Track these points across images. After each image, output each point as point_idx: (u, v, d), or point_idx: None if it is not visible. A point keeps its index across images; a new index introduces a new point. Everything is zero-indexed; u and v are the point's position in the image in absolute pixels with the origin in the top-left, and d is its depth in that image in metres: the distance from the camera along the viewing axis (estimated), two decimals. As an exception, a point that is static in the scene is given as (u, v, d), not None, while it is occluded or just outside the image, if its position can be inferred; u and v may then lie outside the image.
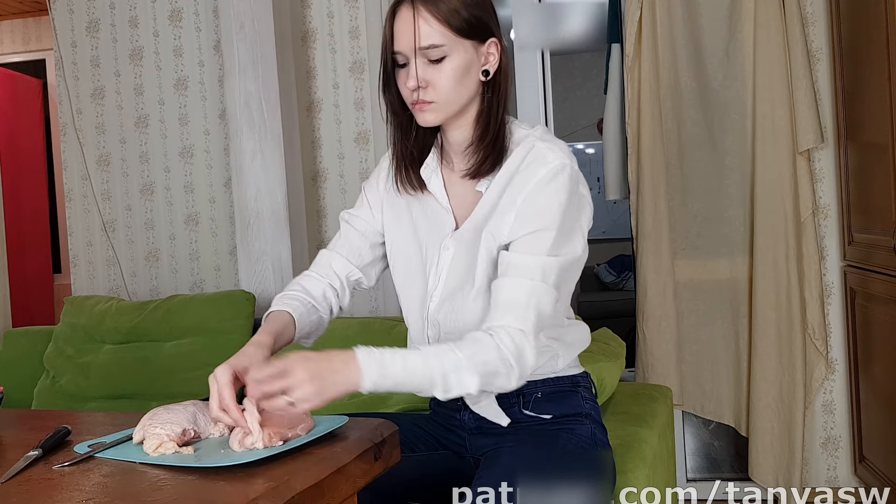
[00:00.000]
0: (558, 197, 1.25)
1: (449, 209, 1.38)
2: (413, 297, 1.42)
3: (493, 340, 1.20)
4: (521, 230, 1.26)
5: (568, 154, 1.29)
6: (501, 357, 1.20)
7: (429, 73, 1.27)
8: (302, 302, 1.40)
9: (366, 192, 1.50)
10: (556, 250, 1.25)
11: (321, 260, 1.49)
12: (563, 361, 1.38)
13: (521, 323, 1.22)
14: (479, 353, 1.19)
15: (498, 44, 1.31)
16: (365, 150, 3.08)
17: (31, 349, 2.79)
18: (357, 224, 1.49)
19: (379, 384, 1.15)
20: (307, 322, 1.39)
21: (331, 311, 1.46)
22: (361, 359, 1.14)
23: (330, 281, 1.46)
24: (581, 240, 1.30)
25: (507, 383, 1.22)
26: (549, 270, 1.24)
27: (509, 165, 1.31)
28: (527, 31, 3.09)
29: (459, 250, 1.35)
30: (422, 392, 1.19)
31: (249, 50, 2.85)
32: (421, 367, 1.17)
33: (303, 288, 1.44)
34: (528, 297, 1.23)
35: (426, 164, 1.39)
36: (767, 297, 2.69)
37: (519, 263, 1.25)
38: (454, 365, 1.17)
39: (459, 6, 1.27)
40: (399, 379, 1.16)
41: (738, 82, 2.73)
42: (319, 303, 1.43)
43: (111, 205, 3.33)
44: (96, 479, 1.06)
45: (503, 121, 1.33)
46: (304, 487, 1.00)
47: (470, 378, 1.18)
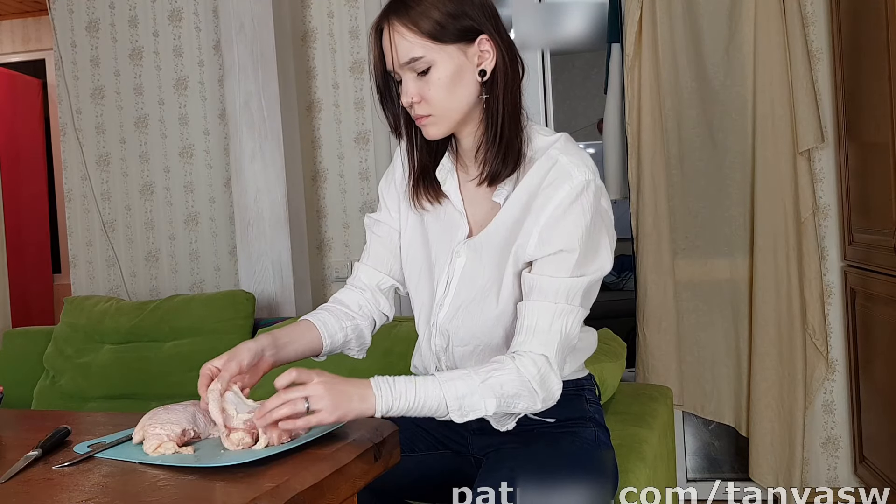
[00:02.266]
0: (584, 217, 1.22)
1: (463, 213, 1.35)
2: (422, 302, 1.40)
3: (513, 364, 1.20)
4: (544, 251, 1.24)
5: (591, 168, 1.25)
6: (521, 380, 1.19)
7: (420, 87, 1.24)
8: (330, 311, 1.41)
9: (382, 192, 1.47)
10: (581, 270, 1.23)
11: (354, 272, 1.48)
12: (570, 367, 1.37)
13: (544, 348, 1.21)
14: (495, 377, 1.19)
15: (491, 39, 1.25)
16: (365, 150, 3.08)
17: (31, 349, 2.79)
18: (379, 230, 1.46)
19: (392, 409, 1.15)
20: (338, 327, 1.40)
21: (372, 319, 1.45)
22: (374, 384, 1.15)
23: (363, 291, 1.45)
24: (607, 255, 1.27)
25: (533, 405, 1.22)
26: (573, 292, 1.23)
27: (530, 180, 1.27)
28: (527, 31, 3.09)
29: (472, 259, 1.32)
30: (438, 416, 1.19)
31: (249, 50, 2.85)
32: (435, 392, 1.16)
33: (336, 300, 1.45)
34: (551, 322, 1.22)
35: (441, 165, 1.37)
36: (767, 297, 2.69)
37: (543, 287, 1.23)
38: (468, 389, 1.17)
39: (429, 7, 1.21)
40: (411, 405, 1.16)
41: (738, 82, 2.73)
42: (355, 312, 1.43)
43: (111, 205, 3.33)
44: (96, 480, 1.06)
45: (515, 122, 1.27)
46: (304, 487, 1.00)
47: (485, 401, 1.18)
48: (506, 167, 1.27)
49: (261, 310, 2.83)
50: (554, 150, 1.27)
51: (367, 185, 3.09)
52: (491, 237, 1.31)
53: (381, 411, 1.15)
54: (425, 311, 1.39)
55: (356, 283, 1.46)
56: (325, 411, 1.11)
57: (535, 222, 1.25)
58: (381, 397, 1.14)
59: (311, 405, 1.10)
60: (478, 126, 1.30)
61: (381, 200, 1.47)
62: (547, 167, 1.26)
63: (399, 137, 1.37)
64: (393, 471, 1.20)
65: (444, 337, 1.36)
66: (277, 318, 2.62)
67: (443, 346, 1.36)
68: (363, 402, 1.13)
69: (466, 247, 1.33)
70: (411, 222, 1.42)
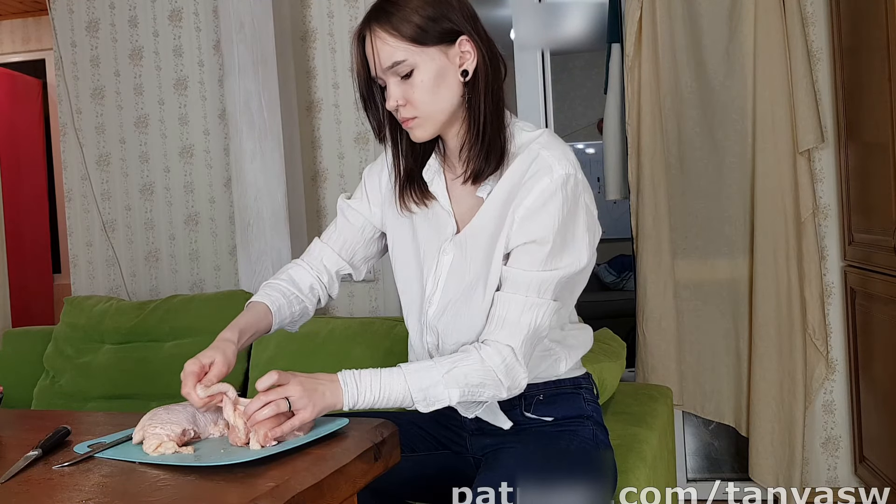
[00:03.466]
0: (561, 210, 1.24)
1: (451, 212, 1.36)
2: (411, 300, 1.42)
3: (478, 354, 1.23)
4: (518, 240, 1.26)
5: (573, 162, 1.27)
6: (486, 370, 1.23)
7: (404, 90, 1.26)
8: (284, 293, 1.43)
9: (366, 182, 1.49)
10: (554, 264, 1.25)
11: (313, 250, 1.50)
12: (566, 365, 1.38)
13: (510, 339, 1.24)
14: (459, 367, 1.22)
15: (471, 40, 1.27)
16: (365, 150, 3.08)
17: (31, 349, 2.79)
18: (352, 217, 1.48)
19: (358, 402, 1.20)
20: (288, 313, 1.43)
21: (318, 301, 1.49)
22: (341, 379, 1.20)
23: (318, 274, 1.48)
24: (586, 249, 1.28)
25: (498, 394, 1.25)
26: (545, 286, 1.25)
27: (512, 174, 1.29)
28: (527, 31, 3.09)
29: (459, 256, 1.34)
30: (405, 406, 1.23)
31: (249, 50, 2.85)
32: (399, 385, 1.21)
33: (290, 278, 1.46)
34: (520, 314, 1.24)
35: (428, 166, 1.39)
36: (767, 297, 2.69)
37: (516, 279, 1.25)
38: (432, 381, 1.21)
39: (410, 12, 1.24)
40: (376, 397, 1.20)
41: (738, 82, 2.73)
42: (305, 294, 1.46)
43: (111, 205, 3.33)
44: (96, 480, 1.06)
45: (497, 120, 1.29)
46: (304, 487, 1.00)
47: (448, 391, 1.22)
48: (489, 165, 1.29)
49: (261, 310, 2.82)
50: (536, 145, 1.29)
51: (367, 185, 3.09)
52: (476, 232, 1.33)
53: (349, 405, 1.20)
54: (415, 309, 1.41)
55: (314, 262, 1.48)
56: (305, 410, 1.15)
57: (514, 214, 1.27)
58: (347, 392, 1.19)
59: (292, 405, 1.15)
60: (460, 127, 1.32)
61: (363, 190, 1.48)
62: (529, 161, 1.28)
63: (382, 142, 1.39)
64: (393, 471, 1.20)
65: (435, 334, 1.37)
66: (277, 318, 2.61)
67: (434, 343, 1.38)
68: (333, 396, 1.18)
69: (453, 244, 1.35)
70: (399, 224, 1.43)
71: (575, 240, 1.26)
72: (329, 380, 1.20)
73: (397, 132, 1.37)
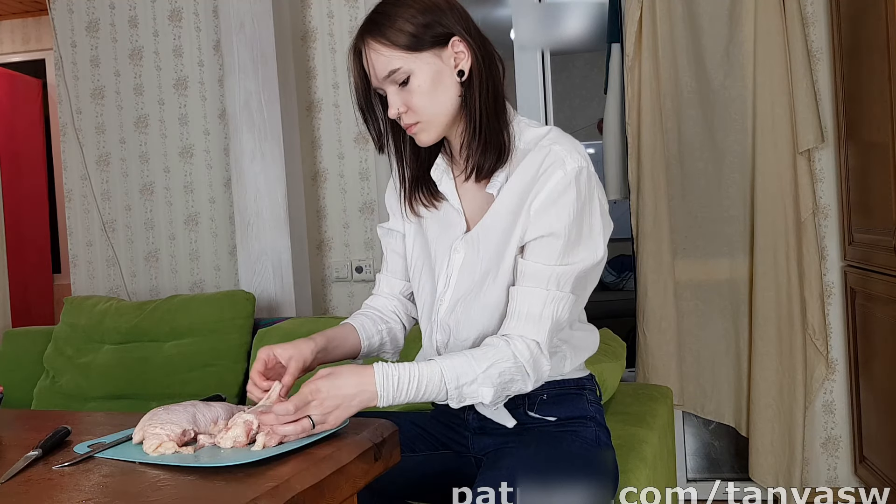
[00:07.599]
0: (575, 203, 1.25)
1: (461, 211, 1.37)
2: (424, 300, 1.43)
3: (509, 349, 1.23)
4: (533, 234, 1.27)
5: (584, 156, 1.28)
6: (517, 365, 1.23)
7: (404, 97, 1.28)
8: (364, 314, 1.48)
9: (387, 202, 1.52)
10: (570, 258, 1.26)
11: (378, 282, 1.55)
12: (571, 364, 1.38)
13: (537, 334, 1.25)
14: (495, 365, 1.22)
15: (463, 40, 1.28)
16: (365, 150, 3.08)
17: (31, 349, 2.79)
18: (390, 241, 1.51)
19: (396, 400, 1.19)
20: (375, 330, 1.46)
21: (403, 324, 1.52)
22: (379, 384, 1.18)
23: (388, 299, 1.52)
24: (601, 243, 1.29)
25: (524, 388, 1.26)
26: (564, 279, 1.26)
27: (525, 170, 1.29)
28: (527, 31, 3.09)
29: (470, 253, 1.35)
30: (437, 400, 1.22)
31: (249, 50, 2.85)
32: (437, 380, 1.20)
33: (369, 305, 1.52)
34: (542, 308, 1.25)
35: (436, 166, 1.40)
36: (767, 297, 2.69)
37: (535, 273, 1.26)
38: (470, 378, 1.21)
39: (402, 22, 1.25)
40: (413, 395, 1.19)
41: (738, 82, 2.73)
42: (387, 315, 1.50)
43: (111, 205, 3.33)
44: (96, 480, 1.06)
45: (496, 117, 1.30)
46: (304, 487, 1.00)
47: (485, 390, 1.22)
48: (487, 160, 1.31)
49: (261, 310, 2.83)
50: (546, 141, 1.31)
51: (367, 185, 3.09)
52: (487, 229, 1.33)
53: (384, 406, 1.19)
54: (427, 308, 1.42)
55: (381, 292, 1.53)
56: (327, 424, 1.14)
57: (530, 208, 1.28)
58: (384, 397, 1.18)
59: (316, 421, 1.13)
60: (461, 126, 1.34)
61: (387, 209, 1.52)
62: (542, 156, 1.29)
63: (382, 152, 1.41)
64: (393, 471, 1.20)
65: (445, 332, 1.38)
66: (277, 318, 2.61)
67: (444, 341, 1.39)
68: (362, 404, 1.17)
69: (464, 242, 1.36)
70: (412, 226, 1.45)
71: (592, 232, 1.28)
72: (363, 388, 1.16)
73: (399, 139, 1.39)
